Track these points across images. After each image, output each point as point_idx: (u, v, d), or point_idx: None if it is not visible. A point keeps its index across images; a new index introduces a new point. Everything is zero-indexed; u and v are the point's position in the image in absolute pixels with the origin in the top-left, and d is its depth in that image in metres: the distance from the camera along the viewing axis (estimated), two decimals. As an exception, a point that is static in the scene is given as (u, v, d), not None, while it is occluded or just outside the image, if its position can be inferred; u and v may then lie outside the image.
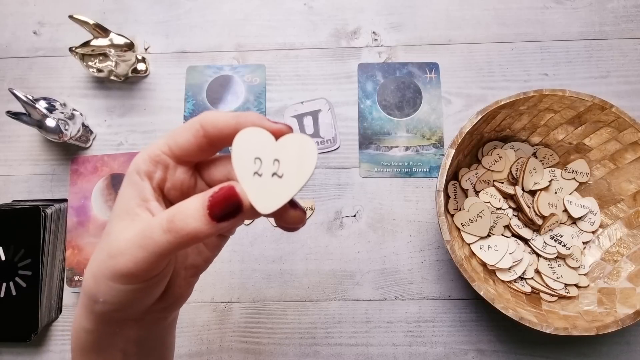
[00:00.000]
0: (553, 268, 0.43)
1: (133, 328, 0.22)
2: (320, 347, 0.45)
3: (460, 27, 0.53)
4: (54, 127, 0.44)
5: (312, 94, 0.52)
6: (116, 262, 0.19)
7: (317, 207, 0.49)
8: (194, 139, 0.20)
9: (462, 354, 0.44)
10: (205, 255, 0.24)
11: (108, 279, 0.19)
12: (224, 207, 0.18)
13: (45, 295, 0.44)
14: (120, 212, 0.20)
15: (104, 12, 0.54)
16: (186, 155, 0.21)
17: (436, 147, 0.50)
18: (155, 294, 0.21)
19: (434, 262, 0.47)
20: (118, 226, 0.20)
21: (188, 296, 0.24)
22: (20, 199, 0.49)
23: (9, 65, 0.53)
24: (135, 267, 0.18)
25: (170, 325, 0.26)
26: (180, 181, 0.21)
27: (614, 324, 0.35)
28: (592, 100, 0.40)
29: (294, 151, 0.19)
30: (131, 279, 0.19)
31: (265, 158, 0.19)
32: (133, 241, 0.18)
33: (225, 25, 0.54)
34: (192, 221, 0.18)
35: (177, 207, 0.19)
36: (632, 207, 0.42)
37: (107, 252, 0.19)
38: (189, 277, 0.24)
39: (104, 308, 0.20)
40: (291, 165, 0.19)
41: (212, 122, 0.20)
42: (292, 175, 0.19)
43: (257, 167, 0.19)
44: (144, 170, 0.20)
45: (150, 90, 0.52)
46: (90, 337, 0.22)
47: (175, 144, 0.21)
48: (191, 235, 0.18)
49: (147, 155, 0.21)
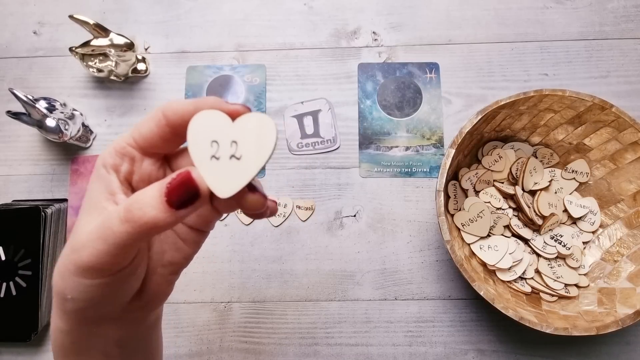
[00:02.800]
0: (553, 268, 0.43)
1: (112, 328, 0.22)
2: (320, 347, 0.45)
3: (460, 27, 0.53)
4: (54, 127, 0.44)
5: (312, 94, 0.52)
6: (78, 255, 0.18)
7: (317, 207, 0.49)
8: (156, 128, 0.20)
9: (462, 354, 0.44)
10: (185, 252, 0.23)
11: (73, 274, 0.18)
12: (181, 194, 0.18)
13: (45, 295, 0.44)
14: (88, 206, 0.20)
15: (104, 12, 0.54)
16: (150, 145, 0.20)
17: (436, 147, 0.50)
18: (127, 290, 0.21)
19: (434, 262, 0.47)
20: (84, 220, 0.19)
21: (168, 295, 0.24)
22: (20, 199, 0.49)
23: (9, 65, 0.53)
24: (96, 260, 0.18)
25: (154, 326, 0.25)
26: (147, 173, 0.21)
27: (614, 324, 0.35)
28: (592, 100, 0.40)
29: (252, 131, 0.19)
30: (94, 272, 0.18)
31: (222, 140, 0.19)
32: (93, 233, 0.18)
33: (225, 25, 0.54)
34: (150, 209, 0.17)
35: (135, 196, 0.18)
36: (632, 207, 0.42)
37: (71, 246, 0.19)
38: (168, 275, 0.23)
39: (75, 306, 0.19)
40: (249, 146, 0.19)
41: (172, 109, 0.20)
42: (250, 156, 0.19)
43: (214, 150, 0.19)
44: (110, 164, 0.20)
45: (150, 90, 0.52)
46: (68, 338, 0.21)
47: (139, 134, 0.20)
48: (150, 224, 0.17)
49: (113, 148, 0.20)
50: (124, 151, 0.20)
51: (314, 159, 0.50)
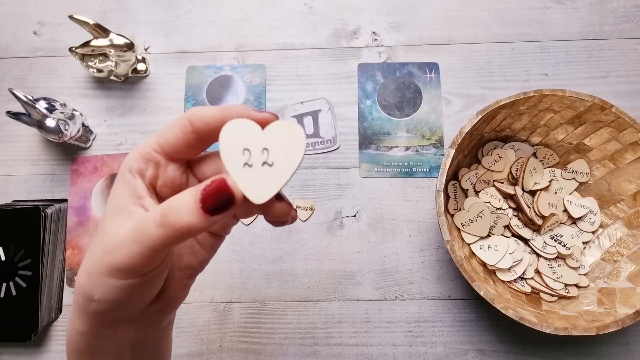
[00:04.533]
0: (553, 268, 0.43)
1: (128, 330, 0.22)
2: (320, 347, 0.45)
3: (460, 27, 0.53)
4: (54, 127, 0.44)
5: (312, 94, 0.52)
6: (112, 257, 0.19)
7: (317, 207, 0.49)
8: (182, 135, 0.20)
9: (462, 354, 0.44)
10: (201, 256, 0.24)
11: (104, 275, 0.19)
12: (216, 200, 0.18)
13: (45, 295, 0.44)
14: (113, 210, 0.20)
15: (104, 12, 0.54)
16: (176, 151, 0.21)
17: (436, 147, 0.50)
18: (151, 292, 0.21)
19: (434, 262, 0.47)
20: (112, 223, 0.20)
21: (183, 298, 0.24)
22: (20, 199, 0.49)
23: (9, 65, 0.53)
24: (131, 262, 0.19)
25: (166, 329, 0.26)
26: (171, 178, 0.22)
27: (614, 324, 0.35)
28: (592, 100, 0.40)
29: (281, 138, 0.19)
30: (127, 273, 0.19)
31: (253, 148, 0.19)
32: (128, 236, 0.19)
33: (225, 25, 0.54)
34: (185, 215, 0.18)
35: (170, 201, 0.19)
36: (632, 207, 0.42)
37: (103, 248, 0.19)
38: (185, 279, 0.24)
39: (99, 307, 0.20)
40: (280, 153, 0.19)
41: (199, 117, 0.20)
42: (282, 163, 0.19)
43: (247, 158, 0.19)
44: (136, 168, 0.21)
45: (150, 90, 0.52)
46: (84, 340, 0.22)
47: (165, 141, 0.21)
48: (185, 229, 0.18)
49: (138, 153, 0.21)
50: (149, 156, 0.21)
51: (314, 159, 0.50)
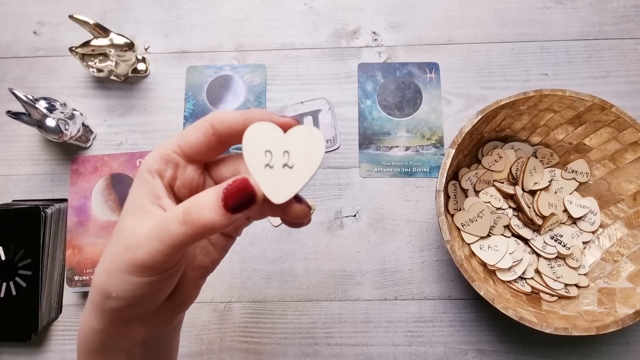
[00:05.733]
0: (553, 268, 0.43)
1: (140, 329, 0.22)
2: (320, 347, 0.45)
3: (460, 27, 0.53)
4: (54, 127, 0.44)
5: (312, 93, 0.52)
6: (133, 254, 0.19)
7: (317, 207, 0.49)
8: (203, 137, 0.21)
9: (462, 354, 0.44)
10: (213, 257, 0.25)
11: (123, 272, 0.19)
12: (238, 199, 0.19)
13: (45, 295, 0.44)
14: (132, 209, 0.21)
15: (104, 12, 0.54)
16: (196, 153, 0.22)
17: (436, 147, 0.50)
18: (166, 290, 0.22)
19: (434, 262, 0.47)
20: (132, 222, 0.20)
21: (195, 298, 0.25)
22: (20, 199, 0.49)
23: (9, 65, 0.53)
24: (152, 259, 0.19)
25: (176, 329, 0.27)
26: (189, 179, 0.22)
27: (614, 324, 0.35)
28: (592, 100, 0.40)
29: (302, 142, 0.20)
30: (147, 270, 0.19)
31: (275, 150, 0.20)
32: (150, 234, 0.19)
33: (225, 25, 0.54)
34: (208, 213, 0.18)
35: (192, 199, 0.19)
36: (632, 207, 0.42)
37: (123, 245, 0.20)
38: (196, 279, 0.24)
39: (116, 304, 0.20)
40: (300, 156, 0.20)
41: (220, 120, 0.21)
42: (302, 165, 0.20)
43: (268, 159, 0.20)
44: (155, 169, 0.21)
45: (150, 90, 0.52)
46: (98, 337, 0.22)
47: (185, 143, 0.21)
48: (207, 226, 0.19)
49: (158, 154, 0.21)
50: (169, 158, 0.21)
51: (314, 159, 0.50)
